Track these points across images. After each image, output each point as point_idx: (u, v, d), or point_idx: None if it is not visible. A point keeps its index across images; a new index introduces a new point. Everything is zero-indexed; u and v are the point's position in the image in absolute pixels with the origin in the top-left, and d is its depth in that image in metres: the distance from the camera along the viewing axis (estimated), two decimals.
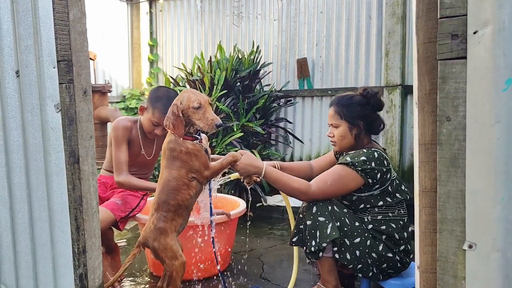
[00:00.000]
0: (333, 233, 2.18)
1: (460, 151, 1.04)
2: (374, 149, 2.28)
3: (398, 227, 2.27)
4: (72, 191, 1.67)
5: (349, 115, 2.31)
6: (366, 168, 2.19)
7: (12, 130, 1.64)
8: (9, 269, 1.72)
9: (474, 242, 1.04)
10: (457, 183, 1.06)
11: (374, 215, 2.28)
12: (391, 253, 2.25)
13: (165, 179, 2.13)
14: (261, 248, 3.51)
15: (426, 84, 1.15)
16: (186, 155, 2.09)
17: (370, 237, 2.24)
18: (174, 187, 2.11)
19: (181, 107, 2.05)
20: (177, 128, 2.04)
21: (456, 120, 1.04)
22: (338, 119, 2.34)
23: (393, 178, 2.29)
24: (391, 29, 4.27)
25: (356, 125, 2.31)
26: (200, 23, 5.76)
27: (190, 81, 4.59)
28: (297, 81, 5.03)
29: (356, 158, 2.21)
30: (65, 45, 1.61)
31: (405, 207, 2.35)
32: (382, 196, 2.27)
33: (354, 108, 2.32)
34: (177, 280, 2.13)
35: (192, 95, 2.07)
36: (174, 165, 2.11)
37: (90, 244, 1.75)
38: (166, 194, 2.12)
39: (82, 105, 1.68)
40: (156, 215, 2.14)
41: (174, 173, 2.11)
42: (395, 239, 2.25)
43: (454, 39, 1.03)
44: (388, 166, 2.26)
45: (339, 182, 2.22)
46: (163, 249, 2.12)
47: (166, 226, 2.13)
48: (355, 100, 2.35)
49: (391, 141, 4.33)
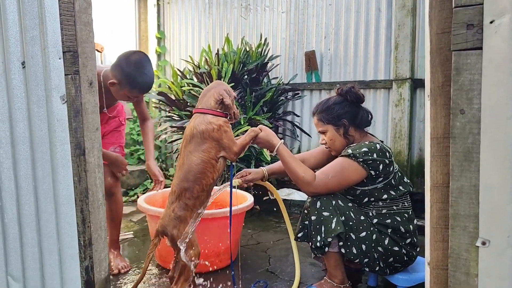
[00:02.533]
0: (338, 227, 2.16)
1: (474, 145, 1.01)
2: (374, 142, 2.29)
3: (403, 220, 2.26)
4: (78, 183, 1.66)
5: (330, 117, 2.36)
6: (368, 159, 2.18)
7: (18, 122, 1.63)
8: (16, 261, 1.72)
9: (487, 238, 1.01)
10: (470, 178, 1.02)
11: (378, 209, 2.26)
12: (398, 246, 2.23)
13: (191, 163, 2.12)
14: (267, 241, 3.50)
15: (439, 76, 1.12)
16: (218, 132, 2.13)
17: (376, 231, 2.23)
18: (201, 170, 2.10)
19: (230, 93, 2.22)
20: (231, 109, 2.21)
21: (471, 113, 1.01)
22: (322, 125, 2.39)
23: (395, 171, 2.29)
24: (400, 22, 4.21)
25: (341, 124, 2.35)
26: (208, 16, 5.73)
27: (198, 74, 4.57)
28: (305, 74, 4.99)
29: (357, 150, 2.21)
30: (71, 35, 1.59)
31: (409, 199, 2.34)
32: (386, 189, 2.26)
33: (332, 109, 2.37)
34: (190, 270, 2.13)
35: (229, 88, 2.26)
36: (203, 147, 2.12)
37: (96, 237, 1.74)
38: (192, 180, 2.11)
39: (88, 97, 1.66)
40: (177, 203, 2.13)
41: (204, 155, 2.11)
42: (401, 232, 2.24)
43: (469, 29, 0.99)
44: (390, 159, 2.25)
45: (341, 174, 2.21)
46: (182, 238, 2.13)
47: (186, 214, 2.13)
48: (331, 101, 2.40)
49: (399, 135, 4.28)
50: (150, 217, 2.89)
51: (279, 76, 5.06)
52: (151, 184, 5.27)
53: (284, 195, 4.53)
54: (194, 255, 2.13)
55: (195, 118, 2.19)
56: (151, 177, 2.97)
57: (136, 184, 5.26)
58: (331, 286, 2.35)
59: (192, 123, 2.18)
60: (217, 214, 2.72)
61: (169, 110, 4.74)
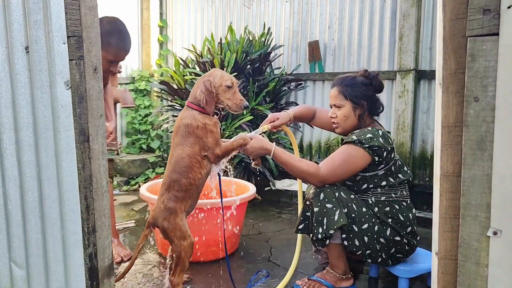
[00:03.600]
0: (341, 219, 2.15)
1: (488, 133, 0.99)
2: (378, 128, 2.29)
3: (402, 207, 2.26)
4: (82, 170, 1.65)
5: (354, 94, 2.31)
6: (373, 145, 2.17)
7: (22, 107, 1.61)
8: (19, 247, 1.71)
9: (499, 228, 1.00)
10: (483, 166, 1.01)
11: (377, 195, 2.26)
12: (399, 236, 2.22)
13: (178, 157, 2.11)
14: (269, 231, 3.50)
15: (451, 63, 1.09)
16: (202, 130, 2.08)
17: (378, 223, 2.22)
18: (187, 164, 2.10)
19: (214, 83, 2.07)
20: (209, 104, 2.06)
21: (485, 101, 0.99)
22: (342, 99, 2.33)
23: (396, 158, 2.29)
24: (405, 12, 4.17)
25: (360, 105, 2.32)
26: (211, 4, 5.67)
27: (200, 63, 4.54)
28: (308, 64, 4.95)
29: (362, 136, 2.20)
30: (75, 20, 1.57)
31: (407, 189, 2.34)
32: (385, 176, 2.26)
33: (359, 88, 2.33)
34: (185, 260, 2.12)
35: (225, 74, 2.11)
36: (187, 141, 2.10)
37: (99, 224, 1.73)
38: (179, 173, 2.11)
39: (93, 83, 1.64)
40: (167, 195, 2.13)
41: (188, 149, 2.09)
42: (401, 221, 2.23)
43: (485, 14, 0.97)
44: (392, 145, 2.26)
45: (348, 161, 2.20)
46: (173, 229, 2.11)
47: (176, 206, 2.13)
48: (359, 80, 2.35)
49: (402, 127, 4.26)
50: (152, 205, 2.88)
51: (282, 66, 5.03)
52: (153, 173, 5.27)
53: (286, 185, 4.52)
54: (188, 245, 2.13)
55: (184, 111, 2.16)
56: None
57: (138, 173, 5.25)
58: (333, 277, 2.35)
59: (180, 115, 2.16)
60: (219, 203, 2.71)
61: (171, 100, 4.72)
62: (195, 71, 4.45)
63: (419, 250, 2.44)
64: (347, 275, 2.35)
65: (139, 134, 5.71)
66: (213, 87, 2.06)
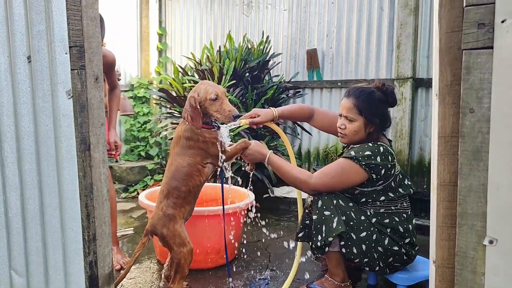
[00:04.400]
0: (339, 227, 2.16)
1: (484, 144, 1.01)
2: (379, 143, 2.24)
3: (401, 219, 2.26)
4: (83, 178, 1.66)
5: (369, 112, 2.23)
6: (370, 163, 2.16)
7: (24, 116, 1.63)
8: (19, 255, 1.72)
9: (495, 237, 1.02)
10: (479, 176, 1.03)
11: (376, 208, 2.27)
12: (397, 246, 2.23)
13: (178, 165, 2.15)
14: (268, 239, 3.50)
15: (447, 75, 1.12)
16: (204, 143, 2.13)
17: (376, 231, 2.23)
18: (187, 173, 2.14)
19: (199, 99, 2.07)
20: (195, 120, 2.06)
21: (480, 112, 1.01)
22: (356, 113, 2.25)
23: (396, 173, 2.26)
24: (403, 21, 4.21)
25: (373, 122, 2.25)
26: (210, 12, 5.71)
27: (199, 71, 4.56)
28: (307, 72, 4.99)
29: (360, 153, 2.19)
30: (77, 30, 1.59)
31: (408, 200, 2.34)
32: (385, 192, 2.25)
33: (375, 105, 2.24)
34: (184, 267, 2.14)
35: (209, 86, 2.09)
36: (188, 152, 2.14)
37: (100, 232, 1.74)
38: (178, 181, 2.15)
39: (94, 92, 1.66)
40: (166, 202, 2.16)
41: (189, 159, 2.14)
42: (400, 232, 2.24)
43: (480, 28, 0.99)
44: (393, 162, 2.23)
45: (342, 175, 2.20)
46: (172, 236, 2.13)
47: (175, 213, 2.16)
48: (376, 96, 2.26)
49: (400, 135, 4.28)
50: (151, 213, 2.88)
51: (280, 74, 5.06)
52: (151, 180, 5.27)
53: (284, 193, 4.53)
54: (187, 252, 2.14)
55: (182, 124, 2.19)
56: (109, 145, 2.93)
57: (136, 180, 5.26)
58: (332, 284, 2.35)
59: (179, 128, 2.19)
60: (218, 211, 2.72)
61: (170, 107, 4.74)
62: (194, 79, 4.47)
63: (418, 258, 2.45)
64: (346, 282, 2.36)
65: (137, 141, 5.73)
66: (197, 103, 2.06)
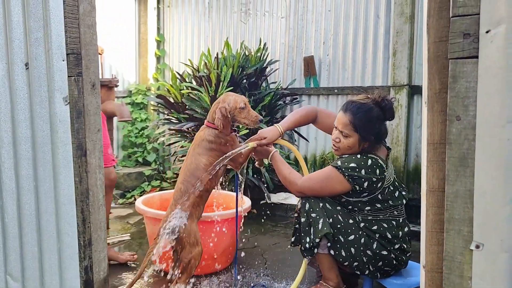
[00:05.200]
0: (324, 228, 2.20)
1: (470, 150, 1.04)
2: (369, 156, 2.23)
3: (390, 226, 2.27)
4: (79, 183, 1.68)
5: (365, 130, 2.21)
6: (353, 175, 2.18)
7: (21, 122, 1.65)
8: (15, 260, 1.73)
9: (481, 242, 1.04)
10: (465, 182, 1.05)
11: (364, 215, 2.28)
12: (386, 251, 2.24)
13: (199, 163, 2.29)
14: (264, 245, 3.51)
15: (436, 83, 1.14)
16: (225, 146, 2.32)
17: (365, 235, 2.24)
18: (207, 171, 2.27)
19: (229, 109, 2.28)
20: (226, 128, 2.27)
21: (466, 120, 1.04)
22: (351, 130, 2.22)
23: (385, 187, 2.24)
24: (399, 29, 4.25)
25: (367, 139, 2.24)
26: (208, 20, 5.76)
27: (197, 77, 4.59)
28: (304, 79, 5.02)
29: (346, 164, 2.21)
30: (75, 38, 1.62)
31: (401, 209, 2.33)
32: (371, 202, 2.26)
33: (372, 124, 2.21)
34: (193, 268, 2.22)
35: (237, 97, 2.33)
36: (211, 153, 2.31)
37: (96, 237, 1.76)
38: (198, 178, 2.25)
39: (91, 98, 1.68)
40: (183, 201, 2.24)
41: (211, 159, 2.28)
42: (388, 238, 2.25)
43: (466, 38, 1.02)
44: (381, 175, 2.20)
45: (326, 182, 2.27)
46: (188, 234, 2.21)
47: (192, 211, 2.26)
48: (374, 114, 2.22)
49: (396, 141, 4.31)
50: (148, 219, 2.90)
51: (277, 80, 5.09)
52: (148, 186, 5.29)
53: (281, 199, 4.54)
54: (197, 252, 2.22)
55: (205, 129, 2.38)
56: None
57: (133, 186, 5.27)
58: None
59: (202, 132, 2.37)
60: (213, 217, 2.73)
61: (167, 113, 4.76)
62: (191, 85, 4.50)
63: (413, 264, 2.46)
64: (340, 287, 2.37)
65: (135, 147, 5.74)
66: (228, 112, 2.27)
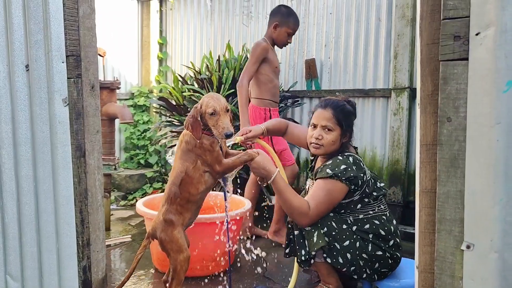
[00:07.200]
0: (320, 241, 2.19)
1: (460, 151, 1.05)
2: (347, 154, 2.29)
3: (381, 222, 2.28)
4: (78, 184, 1.70)
5: (346, 122, 2.32)
6: (349, 176, 2.19)
7: (21, 123, 1.67)
8: (15, 260, 1.75)
9: (472, 242, 1.05)
10: (456, 183, 1.06)
11: (355, 215, 2.29)
12: (381, 251, 2.24)
13: (178, 170, 2.15)
14: (265, 247, 3.52)
15: (428, 85, 1.15)
16: (200, 149, 2.12)
17: (359, 239, 2.24)
18: (186, 179, 2.14)
19: (200, 111, 2.08)
20: (195, 130, 2.07)
21: (457, 121, 1.05)
22: (335, 123, 2.30)
23: (368, 179, 2.29)
24: (400, 32, 4.26)
25: (347, 132, 2.33)
26: (210, 22, 5.79)
27: (198, 80, 4.62)
28: (305, 81, 5.03)
29: (336, 169, 2.20)
30: (74, 40, 1.64)
31: (385, 202, 2.37)
32: (361, 199, 2.28)
33: (350, 116, 2.35)
34: (181, 274, 2.16)
35: (211, 100, 2.08)
36: (188, 156, 2.15)
37: (94, 237, 1.77)
38: (177, 186, 2.14)
39: (90, 100, 1.70)
40: (166, 207, 2.18)
41: (188, 164, 2.14)
42: (382, 235, 2.26)
43: (456, 41, 1.03)
44: (364, 168, 2.27)
45: (330, 197, 2.21)
46: (169, 241, 2.16)
47: (174, 219, 2.17)
48: (349, 109, 2.37)
49: (398, 144, 4.31)
50: (149, 220, 2.91)
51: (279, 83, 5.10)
52: (150, 188, 5.31)
53: None
54: (183, 259, 2.16)
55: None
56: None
57: (135, 188, 5.29)
58: None
59: (184, 131, 2.21)
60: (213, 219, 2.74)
61: (169, 115, 4.79)
62: (193, 88, 4.52)
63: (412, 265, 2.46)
64: None
65: (137, 149, 5.77)
66: (198, 115, 2.08)
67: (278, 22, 3.46)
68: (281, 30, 3.47)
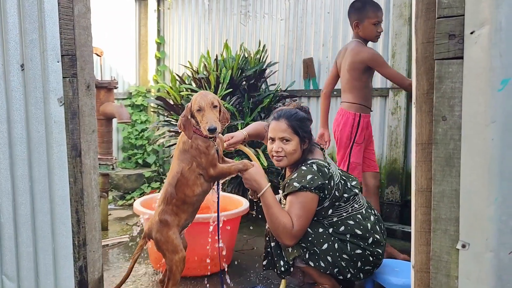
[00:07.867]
0: (295, 250, 2.19)
1: (455, 150, 1.04)
2: (310, 162, 2.25)
3: (356, 222, 2.26)
4: (74, 184, 1.69)
5: (303, 130, 2.29)
6: (317, 185, 2.16)
7: (16, 123, 1.67)
8: (11, 260, 1.75)
9: (467, 241, 1.04)
10: (451, 182, 1.06)
11: (328, 219, 2.27)
12: (360, 249, 2.23)
13: (174, 171, 2.14)
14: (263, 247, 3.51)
15: (424, 84, 1.15)
16: (196, 150, 2.11)
17: (337, 240, 2.23)
18: (182, 180, 2.13)
19: (191, 108, 2.08)
20: (186, 129, 2.06)
21: (452, 120, 1.04)
22: (291, 133, 2.27)
23: (337, 182, 2.26)
24: (398, 31, 4.26)
25: (305, 139, 2.30)
26: (208, 22, 5.78)
27: (196, 79, 4.61)
28: (303, 81, 5.03)
29: (303, 180, 2.17)
30: (70, 39, 1.63)
31: (359, 200, 2.34)
32: (332, 204, 2.25)
33: (305, 123, 2.33)
34: (176, 274, 2.15)
35: (198, 97, 2.08)
36: (184, 157, 2.14)
37: (90, 237, 1.77)
38: (173, 187, 2.13)
39: (85, 99, 1.70)
40: (163, 207, 2.18)
41: (184, 165, 2.13)
42: (359, 235, 2.24)
43: (451, 39, 1.03)
44: (329, 173, 2.23)
45: (305, 209, 2.18)
46: (164, 242, 2.15)
47: (169, 220, 2.16)
48: (302, 114, 2.34)
49: (395, 143, 4.31)
50: (146, 220, 2.91)
51: (277, 82, 5.10)
52: (148, 188, 5.30)
53: None
54: (179, 259, 2.15)
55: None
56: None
57: (133, 188, 5.29)
58: None
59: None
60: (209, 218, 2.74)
61: (167, 115, 4.78)
62: (191, 87, 4.52)
63: None
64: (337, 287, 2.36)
65: (135, 149, 5.76)
66: (189, 113, 2.08)
67: (357, 20, 3.23)
68: (364, 25, 3.20)
